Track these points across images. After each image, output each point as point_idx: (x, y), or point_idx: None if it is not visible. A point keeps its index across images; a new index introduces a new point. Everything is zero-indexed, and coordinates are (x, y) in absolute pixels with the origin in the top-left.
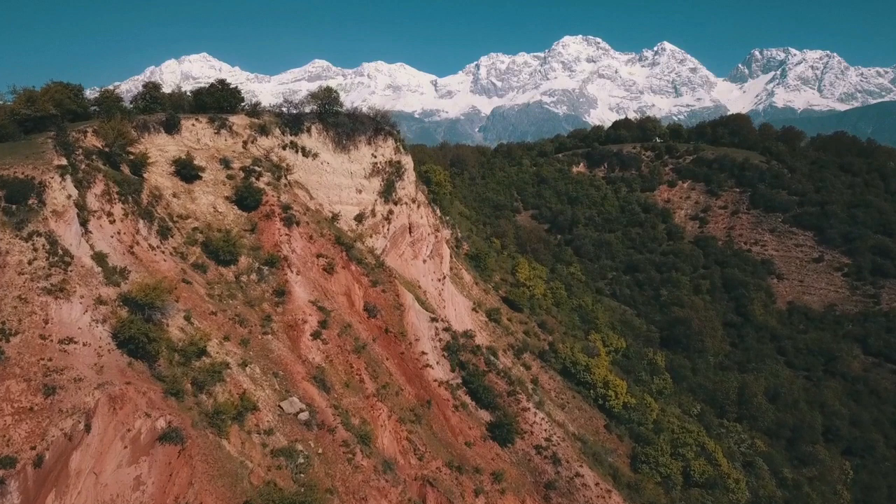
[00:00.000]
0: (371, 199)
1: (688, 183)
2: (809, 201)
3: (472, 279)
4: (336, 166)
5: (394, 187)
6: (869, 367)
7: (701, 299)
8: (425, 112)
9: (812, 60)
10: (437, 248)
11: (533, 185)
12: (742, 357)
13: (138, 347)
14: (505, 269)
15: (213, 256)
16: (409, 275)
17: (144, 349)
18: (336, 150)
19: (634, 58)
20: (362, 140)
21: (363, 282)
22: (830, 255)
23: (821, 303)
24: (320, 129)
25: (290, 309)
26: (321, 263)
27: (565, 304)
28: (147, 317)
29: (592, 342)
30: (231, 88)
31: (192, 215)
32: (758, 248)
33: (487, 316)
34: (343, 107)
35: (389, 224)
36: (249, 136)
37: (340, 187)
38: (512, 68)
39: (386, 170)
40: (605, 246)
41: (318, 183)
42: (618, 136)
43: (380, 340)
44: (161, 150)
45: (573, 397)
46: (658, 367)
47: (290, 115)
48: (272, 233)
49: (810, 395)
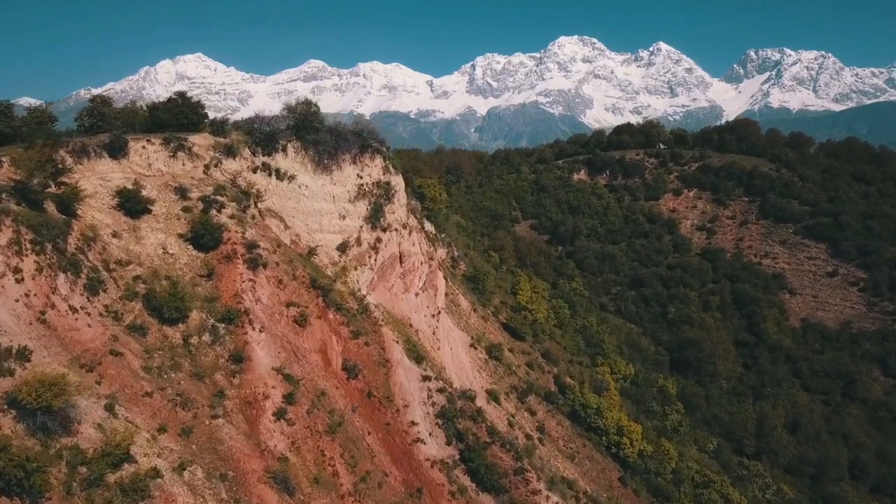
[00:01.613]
0: (356, 226)
1: (694, 191)
2: (822, 212)
3: (470, 305)
4: (316, 189)
5: (382, 212)
6: (890, 389)
7: (711, 316)
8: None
9: (807, 61)
10: (430, 278)
11: (532, 194)
12: (756, 381)
13: (10, 485)
14: (504, 288)
15: (157, 313)
16: (399, 311)
17: (22, 486)
18: (316, 170)
19: (630, 58)
20: (346, 159)
21: (342, 333)
22: (845, 269)
23: (836, 320)
24: (298, 147)
25: (250, 380)
26: (292, 314)
27: (569, 324)
28: (39, 424)
29: (601, 374)
30: (192, 102)
31: (135, 260)
32: (768, 260)
33: (487, 353)
34: (324, 121)
35: (377, 254)
36: (213, 158)
37: (321, 213)
38: (508, 68)
39: (373, 192)
40: (608, 259)
41: (294, 209)
42: (620, 141)
43: (361, 410)
44: (103, 180)
45: (583, 445)
46: (669, 395)
47: (262, 132)
48: (233, 279)
49: (832, 424)
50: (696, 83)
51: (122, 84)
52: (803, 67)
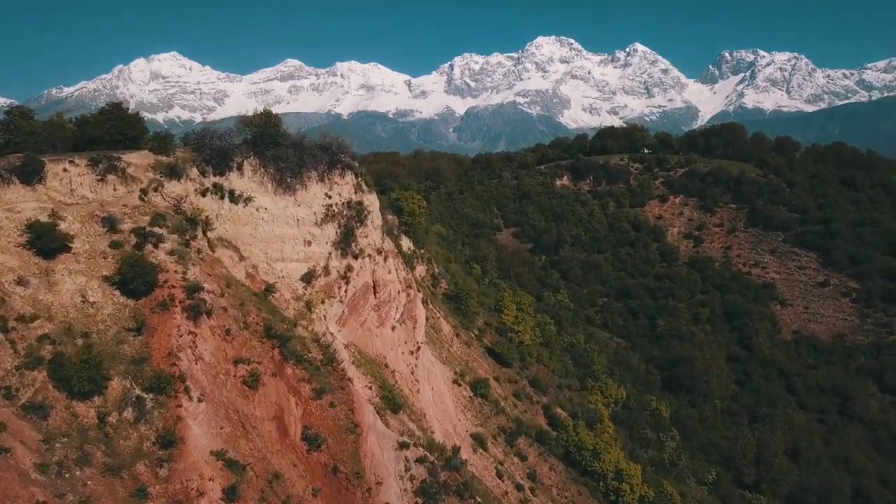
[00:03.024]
0: (324, 253)
1: (680, 198)
2: (812, 219)
3: (452, 329)
4: (277, 213)
5: (354, 236)
6: (887, 407)
7: (701, 330)
8: (399, 112)
9: (780, 62)
10: (409, 309)
11: (514, 201)
12: (750, 399)
13: None
14: (488, 305)
15: (65, 385)
16: (374, 349)
17: None
18: (277, 191)
19: (607, 59)
20: (312, 177)
21: (303, 392)
22: (837, 279)
23: (828, 332)
24: (256, 164)
25: (181, 471)
26: (240, 374)
27: (556, 342)
28: None
29: (593, 403)
30: (130, 115)
31: (43, 313)
32: (758, 270)
33: (472, 389)
34: (287, 134)
35: (348, 284)
36: (152, 181)
37: (283, 239)
38: (486, 68)
39: (343, 213)
40: (594, 269)
41: (251, 237)
42: (603, 146)
43: (325, 491)
44: (10, 211)
45: (579, 493)
46: (663, 419)
47: (214, 148)
48: (167, 333)
49: (832, 447)
50: (672, 84)
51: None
52: (777, 69)
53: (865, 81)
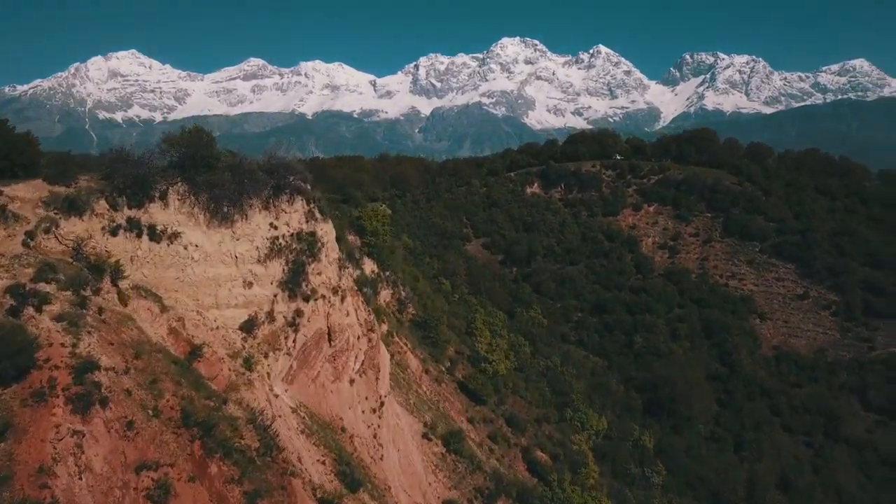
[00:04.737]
0: (268, 296)
1: (654, 206)
2: (789, 229)
3: (420, 364)
4: (210, 250)
5: (304, 273)
6: (872, 427)
7: (680, 346)
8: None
9: (739, 65)
10: (371, 356)
11: (484, 209)
12: (734, 422)
13: None
14: (459, 328)
15: None
16: (327, 409)
17: None
18: (211, 223)
19: (571, 60)
20: (255, 205)
21: (232, 498)
22: (816, 292)
23: (809, 347)
24: (184, 193)
25: None
26: (144, 485)
27: (531, 366)
28: None
29: (576, 444)
30: (19, 136)
31: None
32: (735, 281)
33: (445, 443)
34: (223, 153)
35: (297, 332)
36: (43, 219)
37: (217, 282)
38: (451, 69)
39: (292, 247)
40: (567, 282)
41: (177, 281)
42: (574, 152)
43: None
44: None
45: None
46: (647, 451)
47: (128, 174)
48: (41, 437)
49: (823, 476)
50: (635, 85)
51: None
52: (736, 71)
53: (820, 84)
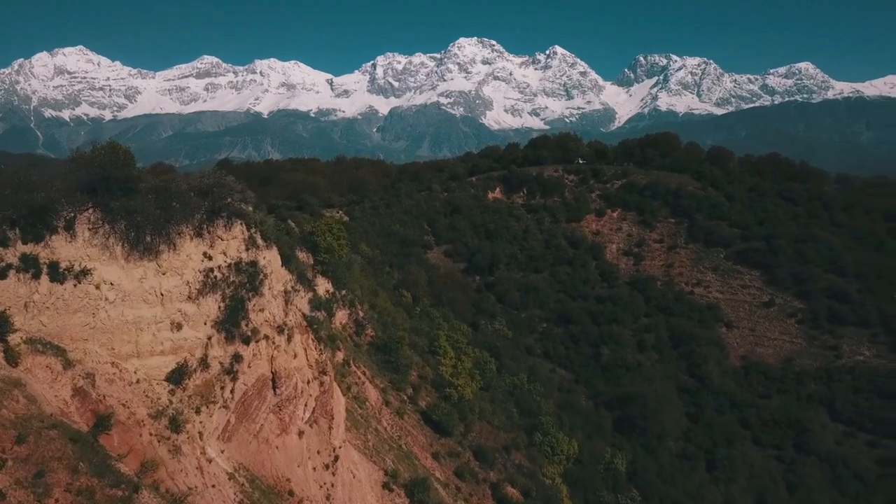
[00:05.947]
0: (200, 338)
1: (618, 212)
2: (753, 235)
3: (380, 396)
4: (130, 287)
5: (244, 310)
6: (841, 438)
7: (647, 358)
8: (321, 111)
9: (691, 66)
10: (323, 403)
11: (445, 216)
12: (705, 437)
13: None
14: (421, 347)
15: None
16: (272, 470)
17: None
18: (131, 256)
19: (528, 61)
20: (185, 232)
21: None
22: (781, 299)
23: (776, 356)
24: (96, 221)
25: None
26: None
27: (497, 385)
28: None
29: (549, 478)
30: None
31: None
32: (700, 289)
33: (408, 494)
34: (144, 174)
35: (235, 381)
36: None
37: (139, 325)
38: (409, 68)
39: (230, 280)
40: (532, 291)
41: (87, 328)
42: (536, 156)
43: None
44: None
45: None
46: (620, 475)
47: (23, 202)
48: None
49: (798, 495)
50: (591, 86)
51: None
52: (688, 73)
53: (768, 86)
